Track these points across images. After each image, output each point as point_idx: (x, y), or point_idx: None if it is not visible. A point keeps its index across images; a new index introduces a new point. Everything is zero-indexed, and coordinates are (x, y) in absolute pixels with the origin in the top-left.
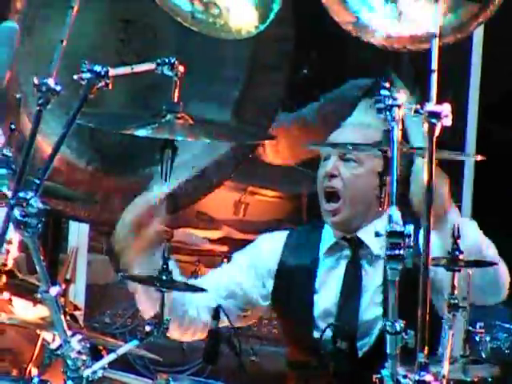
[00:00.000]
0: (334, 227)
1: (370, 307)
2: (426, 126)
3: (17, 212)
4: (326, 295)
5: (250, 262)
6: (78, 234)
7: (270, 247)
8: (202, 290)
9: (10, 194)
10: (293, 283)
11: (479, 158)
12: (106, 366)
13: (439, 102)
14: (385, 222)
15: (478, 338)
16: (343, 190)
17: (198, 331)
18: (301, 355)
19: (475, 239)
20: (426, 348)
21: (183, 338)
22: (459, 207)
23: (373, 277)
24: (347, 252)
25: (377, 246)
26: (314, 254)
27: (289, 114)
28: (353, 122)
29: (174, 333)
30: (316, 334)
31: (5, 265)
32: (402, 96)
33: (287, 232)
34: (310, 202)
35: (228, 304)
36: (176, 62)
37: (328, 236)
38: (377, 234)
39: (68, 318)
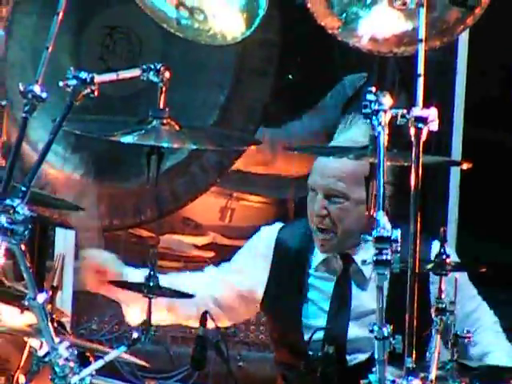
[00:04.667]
0: (324, 253)
1: (360, 328)
2: (412, 130)
3: (3, 219)
4: (318, 297)
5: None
6: (65, 240)
7: (262, 246)
8: (190, 295)
9: None
10: (285, 282)
11: (465, 166)
12: (94, 372)
13: (425, 106)
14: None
15: (465, 342)
16: (334, 227)
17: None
18: (289, 358)
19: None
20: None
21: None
22: (445, 211)
23: (364, 300)
24: (339, 265)
25: (367, 271)
26: (307, 250)
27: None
28: (340, 141)
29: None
30: (305, 338)
31: None
32: (388, 100)
33: (278, 227)
34: (296, 208)
35: None
36: (162, 68)
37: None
38: (364, 262)
39: (55, 324)
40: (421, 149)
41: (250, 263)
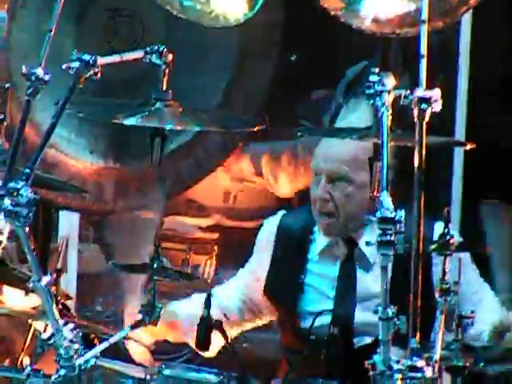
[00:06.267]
0: (328, 236)
1: (364, 311)
2: (416, 111)
3: (7, 202)
4: (319, 281)
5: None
6: (69, 223)
7: (265, 237)
8: (195, 277)
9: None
10: (285, 268)
11: (469, 146)
12: (99, 354)
13: (429, 87)
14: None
15: (469, 323)
16: (337, 211)
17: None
18: (293, 342)
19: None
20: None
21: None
22: (449, 192)
23: (368, 283)
24: (342, 248)
25: (371, 253)
26: (308, 235)
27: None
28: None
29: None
30: (308, 322)
31: None
32: (391, 81)
33: (281, 215)
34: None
35: None
36: (164, 51)
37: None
38: (367, 243)
39: (60, 307)
40: (424, 129)
41: (257, 259)
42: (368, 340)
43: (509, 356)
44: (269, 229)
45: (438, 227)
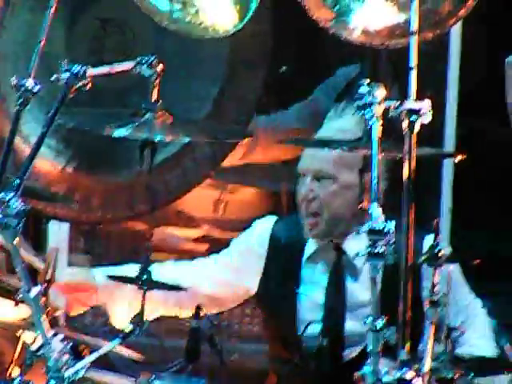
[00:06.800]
0: (315, 239)
1: (352, 320)
2: (405, 123)
3: None
4: (312, 290)
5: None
6: (58, 234)
7: (257, 243)
8: (185, 289)
9: None
10: (279, 278)
11: (458, 158)
12: (88, 365)
13: (418, 98)
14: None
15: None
16: (322, 210)
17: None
18: (283, 353)
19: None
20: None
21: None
22: (438, 201)
23: (356, 291)
24: (331, 256)
25: (359, 262)
26: (299, 245)
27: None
28: (329, 129)
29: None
30: (299, 332)
31: None
32: (382, 92)
33: (273, 222)
34: (289, 199)
35: None
36: (155, 61)
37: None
38: (357, 255)
39: (49, 318)
40: (414, 141)
41: (242, 259)
42: (354, 351)
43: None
44: (261, 235)
45: (429, 239)
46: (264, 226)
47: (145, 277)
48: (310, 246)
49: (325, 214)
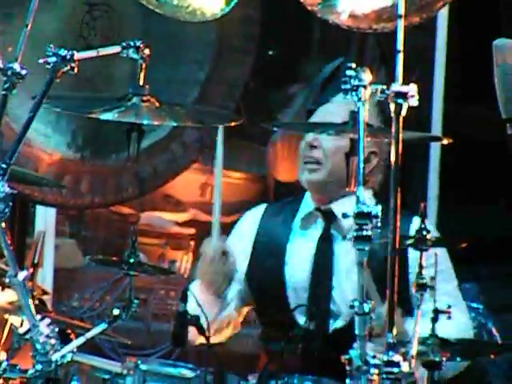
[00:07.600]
0: (310, 188)
1: (344, 286)
2: (392, 106)
3: None
4: (298, 270)
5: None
6: (46, 218)
7: (248, 225)
8: (172, 272)
9: None
10: (265, 258)
11: (445, 141)
12: (75, 349)
13: (405, 82)
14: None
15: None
16: (323, 160)
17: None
18: (273, 334)
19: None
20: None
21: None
22: (425, 186)
23: (346, 254)
24: (320, 225)
25: (347, 224)
26: (288, 226)
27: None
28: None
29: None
30: (288, 312)
31: None
32: (368, 76)
33: (266, 205)
34: (276, 184)
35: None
36: (141, 45)
37: (304, 206)
38: (344, 216)
39: (36, 302)
40: (401, 124)
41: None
42: (340, 323)
43: None
44: (252, 219)
45: (415, 223)
46: (254, 215)
47: (132, 260)
48: (302, 212)
49: (326, 164)
